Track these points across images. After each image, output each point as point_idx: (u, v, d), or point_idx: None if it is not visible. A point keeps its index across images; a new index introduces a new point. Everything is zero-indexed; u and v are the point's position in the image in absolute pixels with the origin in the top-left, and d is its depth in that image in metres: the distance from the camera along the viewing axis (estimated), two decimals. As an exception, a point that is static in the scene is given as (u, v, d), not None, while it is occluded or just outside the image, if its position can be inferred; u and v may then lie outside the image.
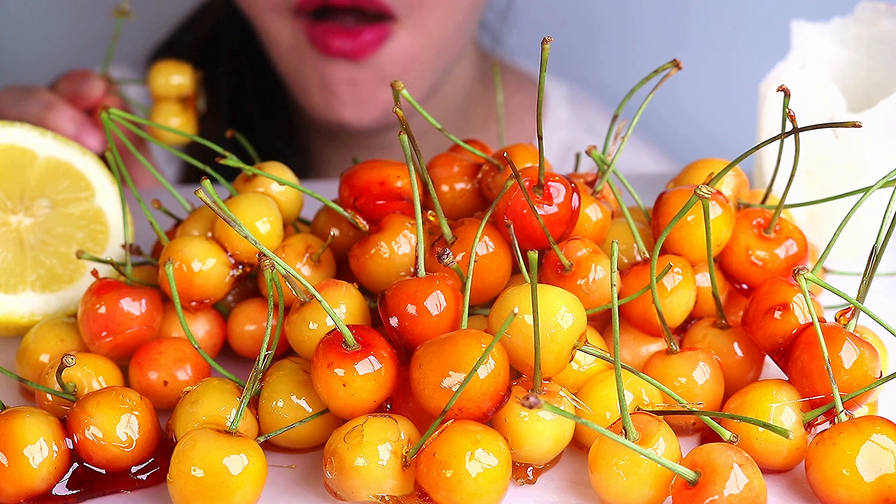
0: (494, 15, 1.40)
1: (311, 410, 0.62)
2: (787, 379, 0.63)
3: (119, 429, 0.61)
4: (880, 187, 0.64)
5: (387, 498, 0.59)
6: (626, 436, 0.58)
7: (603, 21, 1.57)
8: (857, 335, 0.62)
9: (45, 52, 1.60)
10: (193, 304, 0.69)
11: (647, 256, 0.67)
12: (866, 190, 0.65)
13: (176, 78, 1.05)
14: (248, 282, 0.73)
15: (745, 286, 0.69)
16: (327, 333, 0.61)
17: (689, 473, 0.57)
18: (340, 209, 0.69)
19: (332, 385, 0.60)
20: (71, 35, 1.60)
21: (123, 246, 0.72)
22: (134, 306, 0.68)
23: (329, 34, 1.11)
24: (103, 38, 1.30)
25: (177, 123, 1.05)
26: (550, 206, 0.64)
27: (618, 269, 0.63)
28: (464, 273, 0.63)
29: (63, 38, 1.60)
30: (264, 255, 0.61)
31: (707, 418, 0.60)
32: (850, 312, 0.63)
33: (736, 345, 0.67)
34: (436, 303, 0.61)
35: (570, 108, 1.33)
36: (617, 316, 0.59)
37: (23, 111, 1.04)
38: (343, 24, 1.11)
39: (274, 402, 0.63)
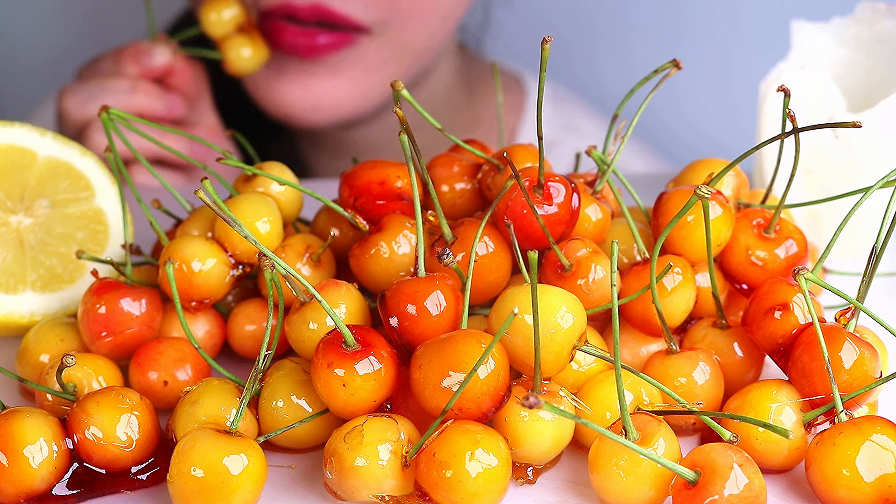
0: (475, 21, 1.39)
1: (311, 410, 0.62)
2: (787, 379, 0.63)
3: (119, 429, 0.61)
4: (880, 187, 0.64)
5: (387, 498, 0.59)
6: (626, 436, 0.58)
7: (600, 21, 1.56)
8: (857, 335, 0.62)
9: (39, 33, 1.60)
10: (193, 304, 0.69)
11: (647, 256, 0.67)
12: (866, 190, 0.65)
13: (226, 13, 1.08)
14: (248, 282, 0.73)
15: (745, 286, 0.69)
16: (327, 333, 0.61)
17: (689, 473, 0.57)
18: (340, 209, 0.69)
19: (332, 385, 0.60)
20: (65, 15, 1.60)
21: (123, 246, 0.72)
22: (134, 306, 0.68)
23: (281, 30, 1.09)
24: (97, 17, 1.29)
25: (249, 52, 1.08)
26: (550, 206, 0.64)
27: (618, 269, 0.63)
28: (464, 273, 0.63)
29: (57, 18, 1.60)
30: (264, 255, 0.61)
31: (707, 418, 0.60)
32: (850, 312, 0.63)
33: (736, 345, 0.67)
34: (436, 303, 0.61)
35: (552, 107, 1.32)
36: (617, 316, 0.59)
37: (110, 104, 1.03)
38: (299, 25, 1.08)
39: (274, 402, 0.63)
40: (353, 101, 1.13)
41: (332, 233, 0.71)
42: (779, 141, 0.65)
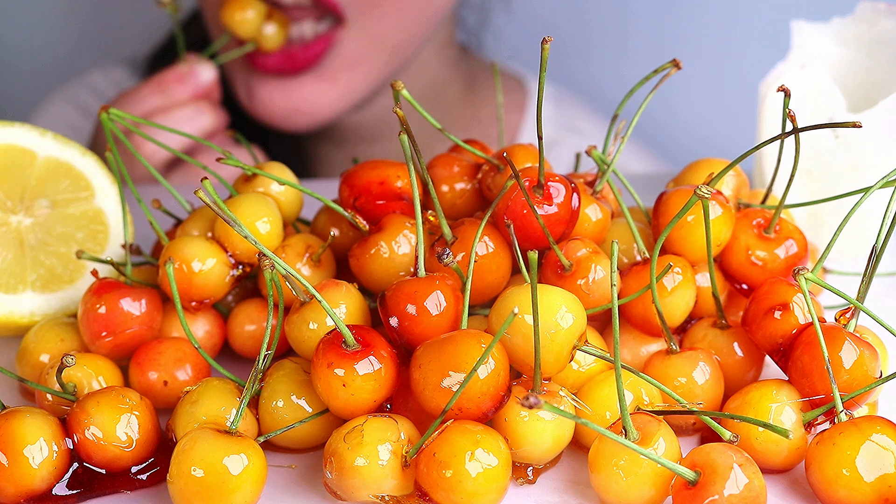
0: (474, 18, 1.39)
1: (311, 410, 0.62)
2: (787, 379, 0.63)
3: (119, 429, 0.61)
4: (880, 187, 0.64)
5: (387, 498, 0.59)
6: (626, 436, 0.58)
7: (598, 21, 1.56)
8: (857, 335, 0.62)
9: (37, 48, 1.61)
10: (193, 304, 0.69)
11: (647, 256, 0.67)
12: (866, 190, 0.65)
13: (249, 13, 1.11)
14: (248, 282, 0.73)
15: (745, 286, 0.69)
16: (327, 333, 0.61)
17: (689, 473, 0.57)
18: (340, 209, 0.69)
19: (332, 385, 0.60)
20: (65, 29, 1.60)
21: (123, 246, 0.72)
22: (134, 306, 0.68)
23: (261, 61, 1.12)
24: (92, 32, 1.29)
25: (273, 29, 1.12)
26: (550, 206, 0.64)
27: (618, 269, 0.63)
28: (464, 273, 0.63)
29: (55, 33, 1.61)
30: (264, 255, 0.61)
31: (707, 418, 0.60)
32: (850, 312, 0.63)
33: (736, 345, 0.67)
34: (436, 303, 0.61)
35: (553, 107, 1.32)
36: (617, 316, 0.59)
37: (190, 132, 1.05)
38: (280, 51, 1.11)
39: (274, 402, 0.63)
40: (333, 102, 1.15)
41: (332, 233, 0.71)
42: (779, 141, 0.65)
